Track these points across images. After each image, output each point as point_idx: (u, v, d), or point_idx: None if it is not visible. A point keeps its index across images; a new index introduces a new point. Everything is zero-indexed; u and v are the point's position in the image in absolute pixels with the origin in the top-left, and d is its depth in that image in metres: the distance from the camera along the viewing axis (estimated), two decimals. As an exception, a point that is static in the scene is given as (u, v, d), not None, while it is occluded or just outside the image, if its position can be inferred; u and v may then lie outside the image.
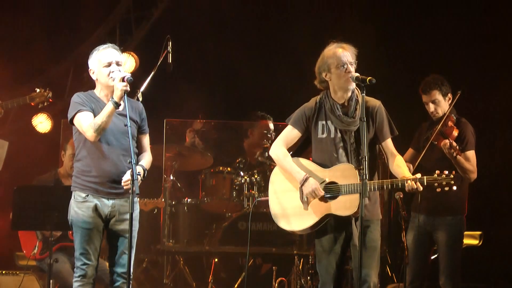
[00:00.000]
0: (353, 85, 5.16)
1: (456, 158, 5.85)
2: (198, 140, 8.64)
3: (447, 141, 5.82)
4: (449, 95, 6.13)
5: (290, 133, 5.32)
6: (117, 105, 5.05)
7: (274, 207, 5.28)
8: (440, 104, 6.10)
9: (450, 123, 6.01)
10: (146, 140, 5.41)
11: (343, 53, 5.15)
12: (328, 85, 5.24)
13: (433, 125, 6.16)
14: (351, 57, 5.15)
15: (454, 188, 5.01)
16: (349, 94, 5.19)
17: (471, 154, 6.03)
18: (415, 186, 4.99)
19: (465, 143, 6.01)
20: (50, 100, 7.33)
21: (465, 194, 6.11)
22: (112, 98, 5.06)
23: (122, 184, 5.09)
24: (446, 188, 5.01)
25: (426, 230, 6.11)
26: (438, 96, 6.10)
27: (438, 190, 5.03)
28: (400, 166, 5.17)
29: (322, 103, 5.25)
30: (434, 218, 6.08)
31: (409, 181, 5.00)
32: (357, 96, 5.18)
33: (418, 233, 6.10)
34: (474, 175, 6.01)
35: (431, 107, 6.12)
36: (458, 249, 6.08)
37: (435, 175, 5.03)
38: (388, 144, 5.22)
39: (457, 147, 5.77)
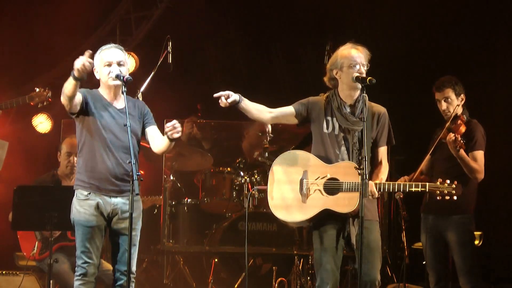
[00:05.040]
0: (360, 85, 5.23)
1: (459, 153, 5.84)
2: (196, 129, 8.61)
3: (452, 134, 5.82)
4: (462, 95, 6.13)
5: (286, 107, 5.34)
6: (74, 77, 4.96)
7: (273, 197, 5.29)
8: (453, 103, 6.10)
9: (459, 121, 6.01)
10: (155, 130, 5.38)
11: (357, 54, 5.24)
12: (337, 83, 5.31)
13: (444, 126, 6.15)
14: (364, 59, 5.24)
15: (455, 198, 5.11)
16: (357, 94, 5.26)
17: (479, 154, 6.01)
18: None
19: (474, 142, 6.00)
20: (50, 100, 7.32)
21: (473, 193, 6.09)
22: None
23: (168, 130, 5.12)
24: (447, 197, 5.10)
25: (438, 231, 6.09)
26: (451, 94, 6.10)
27: (439, 198, 5.13)
28: (377, 174, 5.24)
29: (330, 100, 5.31)
30: (443, 218, 6.06)
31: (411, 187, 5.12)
32: (364, 99, 5.25)
33: (430, 235, 6.09)
34: (480, 175, 5.99)
35: (443, 105, 6.12)
36: (470, 247, 6.05)
37: (438, 183, 5.12)
38: (381, 151, 5.32)
39: (462, 141, 5.76)
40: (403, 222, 6.90)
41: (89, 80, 5.40)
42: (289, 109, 5.32)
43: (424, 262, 6.26)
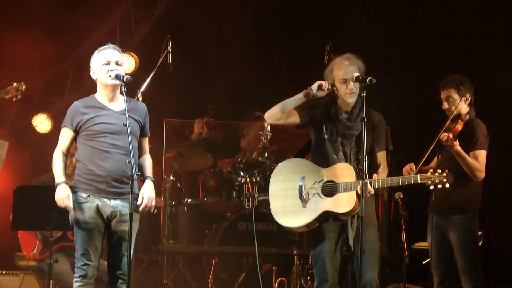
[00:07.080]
0: (353, 99, 5.33)
1: (455, 151, 5.83)
2: (206, 130, 8.63)
3: (445, 134, 5.83)
4: (468, 95, 6.09)
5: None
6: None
7: (274, 205, 5.44)
8: (455, 102, 6.07)
9: (459, 121, 6.01)
10: (146, 143, 5.42)
11: (348, 68, 5.30)
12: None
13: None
14: (355, 71, 5.28)
15: (447, 186, 5.22)
16: (353, 102, 5.35)
17: (480, 153, 5.97)
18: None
19: (475, 142, 5.98)
20: (22, 94, 7.10)
21: (477, 194, 6.07)
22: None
23: (141, 209, 5.17)
24: (439, 186, 5.21)
25: (442, 231, 6.09)
26: (453, 93, 6.08)
27: (431, 187, 5.23)
28: (374, 176, 5.30)
29: (328, 106, 5.41)
30: (446, 218, 6.06)
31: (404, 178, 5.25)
32: (361, 105, 5.30)
33: (434, 235, 6.09)
34: (480, 174, 5.97)
35: (445, 104, 6.12)
36: (472, 247, 6.01)
37: (429, 173, 5.25)
38: (379, 156, 5.43)
39: (452, 139, 5.76)
40: (403, 222, 6.89)
41: (87, 81, 5.40)
42: (294, 113, 5.42)
43: (424, 262, 6.27)
